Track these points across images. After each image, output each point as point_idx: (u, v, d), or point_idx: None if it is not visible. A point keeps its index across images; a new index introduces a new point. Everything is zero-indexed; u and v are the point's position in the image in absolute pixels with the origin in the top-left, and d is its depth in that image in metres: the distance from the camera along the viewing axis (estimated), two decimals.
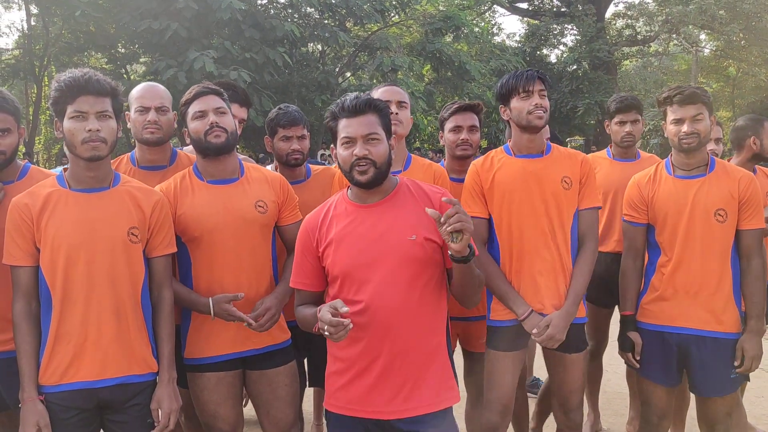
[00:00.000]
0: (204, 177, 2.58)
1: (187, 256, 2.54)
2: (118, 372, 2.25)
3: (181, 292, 2.50)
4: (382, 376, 2.09)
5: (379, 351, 2.09)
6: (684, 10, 21.08)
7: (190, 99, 2.57)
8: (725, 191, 2.73)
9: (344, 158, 2.10)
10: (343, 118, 2.11)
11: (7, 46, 21.80)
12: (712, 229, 2.72)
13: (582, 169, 2.78)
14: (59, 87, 2.18)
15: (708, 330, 2.74)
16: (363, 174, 2.07)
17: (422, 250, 2.10)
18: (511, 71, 2.87)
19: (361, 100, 2.10)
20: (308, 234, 2.21)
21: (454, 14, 19.13)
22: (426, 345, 2.13)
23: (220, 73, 12.61)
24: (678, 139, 2.74)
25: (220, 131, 2.50)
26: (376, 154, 2.07)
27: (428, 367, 2.13)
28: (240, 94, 3.25)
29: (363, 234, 2.12)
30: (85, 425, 2.25)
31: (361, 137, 2.07)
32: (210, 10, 13.37)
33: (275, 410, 2.62)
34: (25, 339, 2.21)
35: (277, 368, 2.61)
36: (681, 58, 29.49)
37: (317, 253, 2.19)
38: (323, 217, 2.20)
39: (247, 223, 2.53)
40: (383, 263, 2.08)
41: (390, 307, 2.07)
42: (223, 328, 2.53)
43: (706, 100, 2.74)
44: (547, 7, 26.61)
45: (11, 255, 2.23)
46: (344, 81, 18.34)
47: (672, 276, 2.77)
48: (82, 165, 2.24)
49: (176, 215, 2.50)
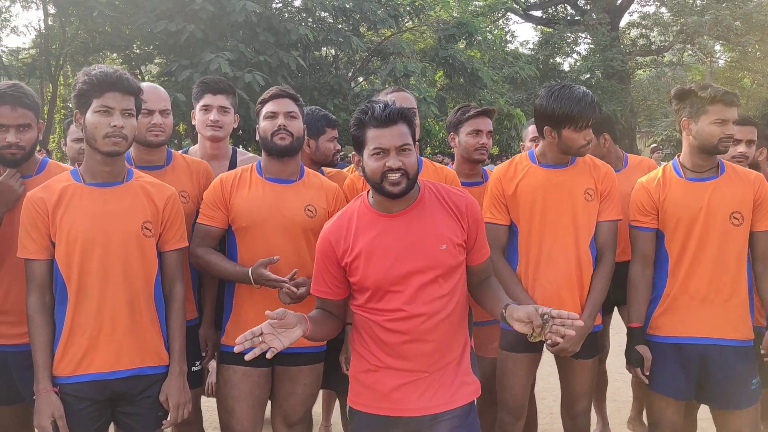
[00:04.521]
0: (264, 174, 2.68)
1: (234, 245, 2.64)
2: (131, 364, 2.28)
3: (224, 265, 2.57)
4: (411, 375, 2.12)
5: (410, 353, 2.11)
6: (699, 21, 21.01)
7: (266, 99, 2.69)
8: (740, 193, 2.64)
9: (374, 169, 2.04)
10: (373, 128, 2.05)
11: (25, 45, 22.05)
12: (728, 233, 2.61)
13: (605, 181, 2.76)
14: (89, 80, 2.20)
15: (727, 338, 2.63)
16: (396, 185, 2.04)
17: (452, 258, 2.12)
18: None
19: (393, 110, 2.05)
20: (331, 245, 2.16)
21: (468, 21, 19.11)
22: (455, 344, 2.17)
23: (235, 75, 12.68)
24: (718, 140, 2.60)
25: (286, 134, 2.60)
26: (408, 164, 2.04)
27: (456, 365, 2.17)
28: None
29: (392, 245, 2.10)
30: (97, 417, 2.28)
31: (394, 148, 2.03)
32: (225, 13, 13.45)
33: (288, 405, 2.68)
34: (40, 331, 2.24)
35: (301, 366, 2.66)
36: (695, 69, 29.35)
37: (341, 264, 2.15)
38: (347, 227, 2.16)
39: (294, 224, 2.59)
40: (416, 274, 2.08)
41: (422, 315, 2.09)
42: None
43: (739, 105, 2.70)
44: (561, 16, 26.61)
45: (26, 248, 2.26)
46: (357, 86, 18.38)
47: (685, 283, 2.65)
48: (99, 159, 2.27)
49: (230, 204, 2.61)
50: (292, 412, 2.69)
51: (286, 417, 2.70)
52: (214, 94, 3.07)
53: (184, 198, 2.75)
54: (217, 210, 2.62)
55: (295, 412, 2.69)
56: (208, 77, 3.19)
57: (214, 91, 3.07)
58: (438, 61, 18.47)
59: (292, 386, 2.66)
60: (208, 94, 3.07)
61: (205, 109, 3.06)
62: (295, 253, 2.59)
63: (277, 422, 2.72)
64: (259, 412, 2.65)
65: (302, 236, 2.61)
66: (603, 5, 24.07)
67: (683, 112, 2.69)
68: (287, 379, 2.66)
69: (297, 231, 2.60)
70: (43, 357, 2.22)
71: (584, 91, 2.68)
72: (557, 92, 2.67)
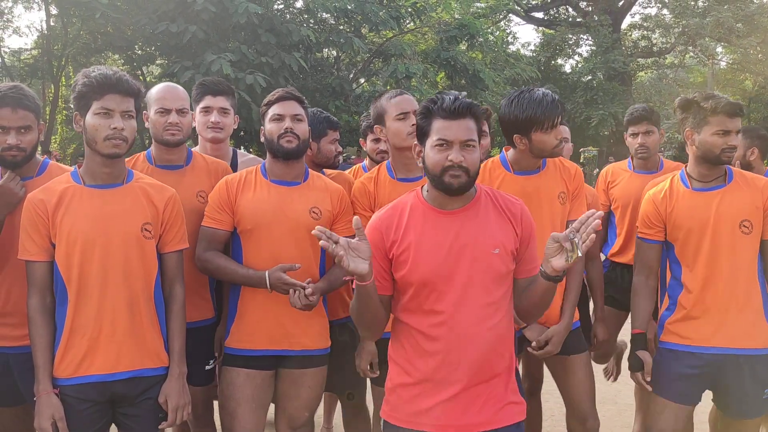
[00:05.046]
0: (269, 176, 2.68)
1: (239, 246, 2.64)
2: (131, 366, 2.28)
3: (235, 269, 2.56)
4: (456, 390, 2.00)
5: (456, 365, 1.99)
6: (701, 23, 21.01)
7: (272, 101, 2.67)
8: (748, 201, 2.61)
9: (436, 162, 1.98)
10: (440, 119, 1.99)
11: (27, 46, 22.08)
12: (739, 242, 2.59)
13: (575, 182, 2.79)
14: (88, 82, 2.20)
15: (742, 348, 2.59)
16: (456, 178, 1.97)
17: (503, 264, 2.03)
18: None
19: (463, 103, 1.99)
20: (380, 234, 2.07)
21: (470, 22, 19.12)
22: (501, 360, 2.06)
23: (236, 76, 12.69)
24: (721, 151, 2.59)
25: (293, 137, 2.60)
26: (470, 161, 1.98)
27: (502, 381, 2.06)
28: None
29: (443, 242, 2.02)
30: (98, 418, 2.27)
31: (459, 142, 1.97)
32: (227, 14, 13.47)
33: (292, 408, 2.67)
34: (40, 333, 2.24)
35: (305, 369, 2.65)
36: (697, 71, 29.33)
37: (389, 255, 2.06)
38: (398, 218, 2.08)
39: (299, 226, 2.58)
40: (465, 275, 2.00)
41: (470, 321, 1.99)
42: (263, 324, 2.59)
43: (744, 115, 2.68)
44: (563, 17, 26.64)
45: (26, 250, 2.26)
46: (358, 87, 18.39)
47: (701, 293, 2.62)
48: (99, 161, 2.27)
49: (235, 206, 2.61)
50: (297, 415, 2.68)
51: (291, 420, 2.69)
52: (214, 96, 3.07)
53: (202, 198, 2.75)
54: (223, 212, 2.62)
55: (299, 415, 2.68)
56: (207, 79, 3.19)
57: (214, 93, 3.08)
58: (439, 63, 18.49)
59: (296, 389, 2.65)
60: (208, 96, 3.07)
61: (205, 111, 3.07)
62: (300, 256, 2.58)
63: (281, 426, 2.71)
64: (261, 415, 2.64)
65: (307, 238, 2.59)
66: (604, 7, 24.10)
67: (687, 122, 2.69)
68: (292, 382, 2.65)
69: (302, 233, 2.59)
70: (43, 358, 2.22)
71: (544, 92, 2.67)
72: (517, 99, 2.67)
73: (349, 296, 3.18)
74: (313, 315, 2.64)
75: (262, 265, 2.55)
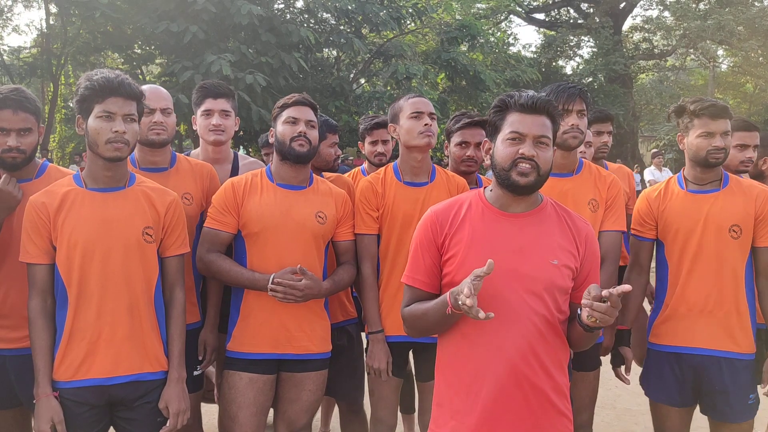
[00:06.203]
0: (275, 179, 2.69)
1: (243, 250, 2.64)
2: (130, 369, 2.28)
3: (241, 271, 2.57)
4: (507, 409, 1.87)
5: (509, 382, 1.87)
6: (702, 25, 20.99)
7: (287, 104, 2.70)
8: (740, 207, 2.64)
9: (506, 155, 1.88)
10: (515, 113, 1.90)
11: (26, 45, 22.06)
12: (726, 246, 2.62)
13: (609, 191, 2.78)
14: (91, 85, 2.20)
15: (725, 351, 2.62)
16: (524, 176, 1.86)
17: (560, 277, 1.91)
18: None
19: (540, 99, 1.91)
20: (435, 226, 1.97)
21: (470, 23, 19.11)
22: (554, 379, 1.92)
23: (236, 76, 12.68)
24: (706, 152, 2.62)
25: (305, 141, 2.63)
26: (542, 158, 1.88)
27: (556, 402, 1.93)
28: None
29: (499, 243, 1.90)
30: (96, 421, 2.27)
31: (532, 137, 1.87)
32: (227, 14, 13.46)
33: (292, 411, 2.68)
34: (40, 335, 2.23)
35: (307, 373, 2.66)
36: (698, 73, 29.37)
37: (441, 249, 1.97)
38: (455, 212, 1.98)
39: (305, 230, 2.61)
40: (519, 282, 1.87)
41: (526, 333, 1.86)
42: (266, 327, 2.60)
43: (732, 117, 2.70)
44: (564, 19, 26.62)
45: (28, 253, 2.26)
46: (358, 87, 18.38)
47: (684, 293, 2.67)
48: (101, 164, 2.27)
49: (242, 209, 2.61)
50: (296, 418, 2.69)
51: (290, 423, 2.69)
52: (215, 99, 3.07)
53: (188, 200, 2.75)
54: (228, 215, 2.62)
55: (299, 418, 2.69)
56: (208, 82, 3.19)
57: (215, 96, 3.08)
58: (440, 64, 18.46)
59: (297, 393, 2.66)
60: (209, 99, 3.07)
61: (206, 114, 3.07)
62: (305, 259, 2.59)
63: (281, 428, 2.71)
64: (261, 419, 2.64)
65: (312, 242, 2.63)
66: (606, 9, 24.07)
67: (679, 127, 2.76)
68: (292, 385, 2.66)
69: (308, 237, 2.61)
70: (43, 361, 2.22)
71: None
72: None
73: (349, 301, 3.17)
74: (316, 318, 2.66)
75: (267, 268, 2.56)
